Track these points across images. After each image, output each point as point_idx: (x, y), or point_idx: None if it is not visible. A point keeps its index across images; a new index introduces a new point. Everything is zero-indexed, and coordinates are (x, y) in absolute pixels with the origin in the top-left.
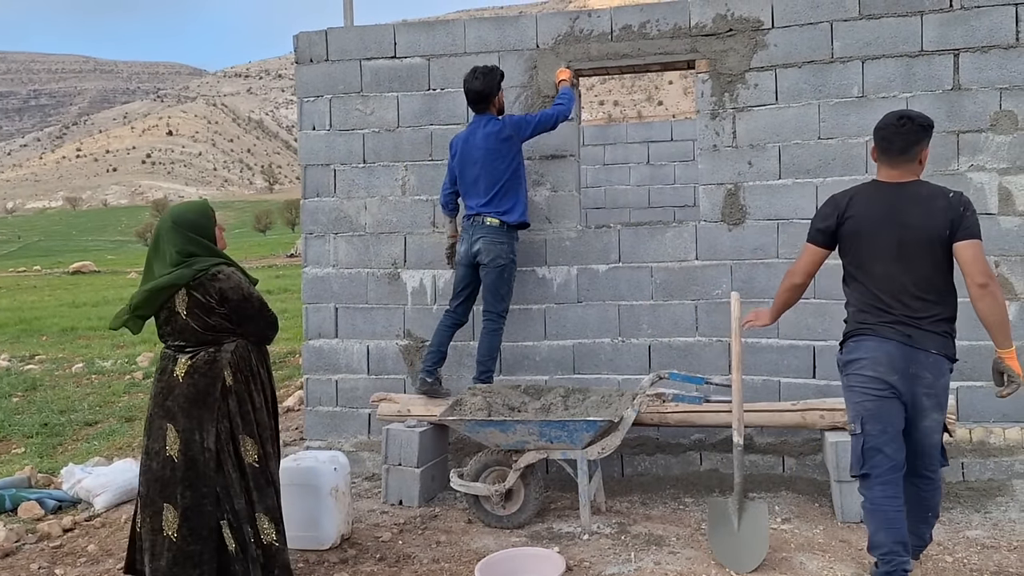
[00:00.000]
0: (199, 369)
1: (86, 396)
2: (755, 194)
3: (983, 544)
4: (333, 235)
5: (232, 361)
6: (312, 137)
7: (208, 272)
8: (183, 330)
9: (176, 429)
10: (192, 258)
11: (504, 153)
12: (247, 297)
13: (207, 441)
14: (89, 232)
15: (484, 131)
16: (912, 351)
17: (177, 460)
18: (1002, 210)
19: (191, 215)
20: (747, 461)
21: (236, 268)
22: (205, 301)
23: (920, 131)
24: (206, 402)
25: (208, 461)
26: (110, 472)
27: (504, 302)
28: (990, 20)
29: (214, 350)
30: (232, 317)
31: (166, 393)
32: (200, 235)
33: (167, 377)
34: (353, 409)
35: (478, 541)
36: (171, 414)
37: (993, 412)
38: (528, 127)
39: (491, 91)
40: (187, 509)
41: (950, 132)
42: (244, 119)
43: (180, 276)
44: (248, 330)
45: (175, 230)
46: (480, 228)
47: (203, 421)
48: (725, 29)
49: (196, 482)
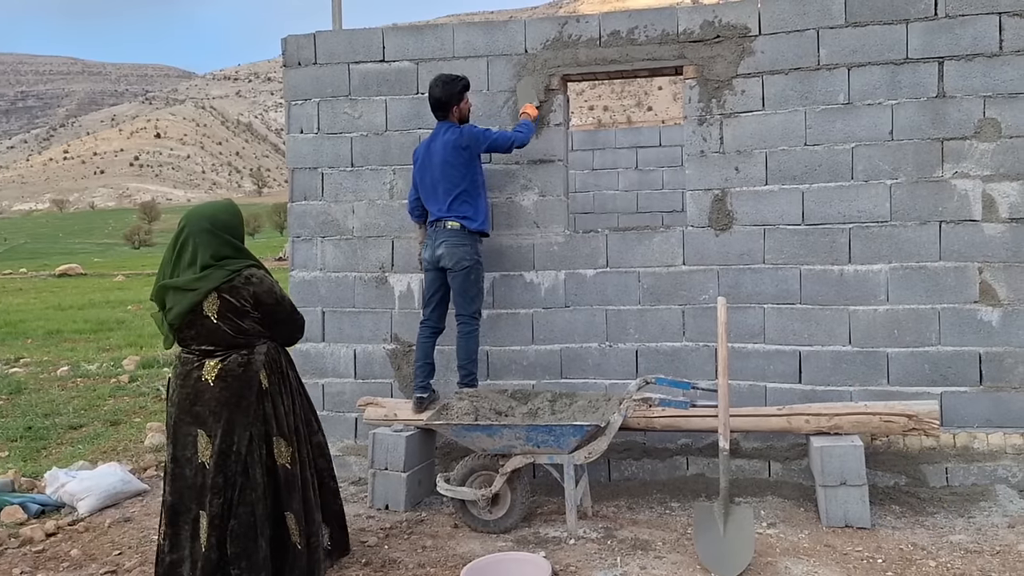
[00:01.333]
0: (232, 372)
1: (71, 400)
2: (742, 200)
3: (967, 549)
4: (320, 239)
5: (266, 363)
6: (300, 140)
7: (241, 275)
8: (212, 334)
9: (208, 435)
10: (224, 260)
11: (461, 162)
12: (280, 300)
13: (239, 446)
14: (76, 235)
15: (443, 139)
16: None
17: (208, 466)
18: (985, 217)
19: (225, 216)
20: (733, 466)
21: (264, 270)
22: (239, 305)
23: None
24: (240, 406)
25: (236, 464)
26: (94, 476)
27: (475, 304)
28: (974, 29)
29: (247, 353)
30: (264, 321)
31: (194, 399)
32: (234, 236)
33: (193, 382)
34: (340, 413)
35: (464, 546)
36: (201, 419)
37: (977, 417)
38: (484, 142)
39: (450, 99)
40: (215, 516)
41: (935, 139)
42: (233, 122)
43: (208, 282)
44: (279, 333)
45: (212, 233)
46: (442, 233)
47: (235, 425)
48: (712, 36)
49: (225, 488)
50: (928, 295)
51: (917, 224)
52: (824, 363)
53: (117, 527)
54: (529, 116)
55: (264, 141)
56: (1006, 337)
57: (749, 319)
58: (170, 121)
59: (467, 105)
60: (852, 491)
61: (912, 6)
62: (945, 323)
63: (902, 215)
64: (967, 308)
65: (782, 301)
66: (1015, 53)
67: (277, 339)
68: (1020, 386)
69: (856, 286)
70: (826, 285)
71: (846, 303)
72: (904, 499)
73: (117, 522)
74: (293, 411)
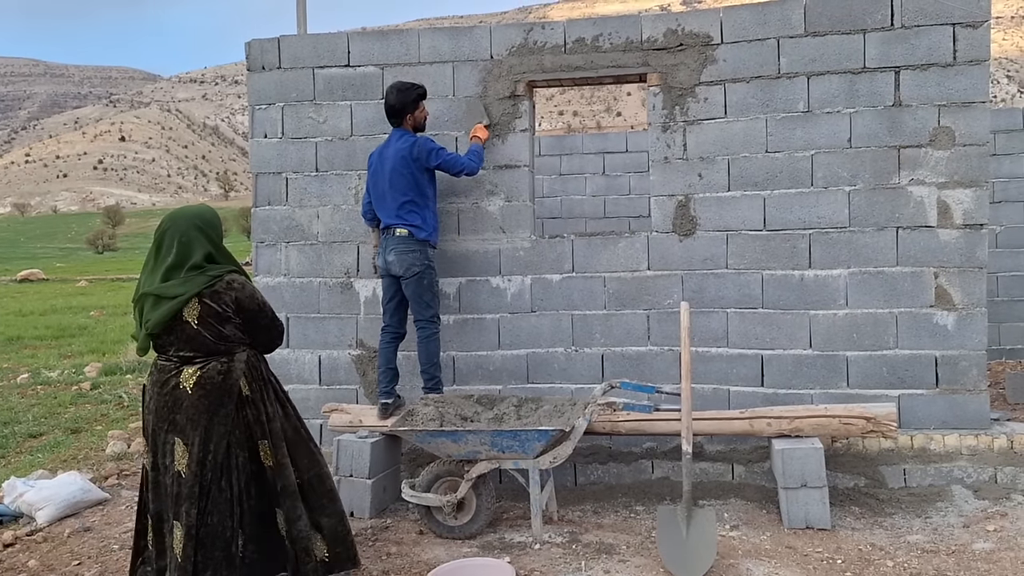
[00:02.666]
0: (211, 380)
1: (31, 407)
2: (705, 205)
3: (923, 549)
4: (285, 244)
5: (246, 371)
6: (264, 145)
7: (223, 280)
8: (192, 339)
9: (185, 443)
10: (209, 265)
11: (409, 172)
12: (261, 307)
13: (215, 454)
14: (38, 239)
15: (395, 146)
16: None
17: (184, 475)
18: (940, 223)
19: (210, 216)
20: (697, 469)
21: (247, 276)
22: (221, 311)
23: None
24: (218, 414)
25: (213, 473)
26: (53, 486)
27: (431, 308)
28: (929, 39)
29: (226, 360)
30: (245, 327)
31: (172, 406)
32: (219, 238)
33: (171, 389)
34: (304, 419)
35: (429, 552)
36: (179, 427)
37: (933, 419)
38: (435, 159)
39: (404, 107)
40: (191, 527)
41: (892, 147)
42: (199, 125)
43: (190, 286)
44: (259, 340)
45: (201, 232)
46: (392, 240)
47: (213, 434)
48: (676, 44)
49: (201, 496)
50: (886, 300)
51: (875, 230)
52: (786, 366)
53: (77, 537)
54: (479, 139)
55: (231, 145)
56: (961, 340)
57: (712, 323)
58: (135, 124)
59: (423, 113)
60: (813, 493)
61: (869, 16)
62: (902, 327)
63: (860, 221)
64: (923, 312)
65: (744, 306)
66: (968, 63)
67: (257, 346)
68: (974, 388)
69: (816, 291)
70: (787, 290)
71: (807, 307)
72: (863, 500)
73: (77, 532)
74: (281, 416)
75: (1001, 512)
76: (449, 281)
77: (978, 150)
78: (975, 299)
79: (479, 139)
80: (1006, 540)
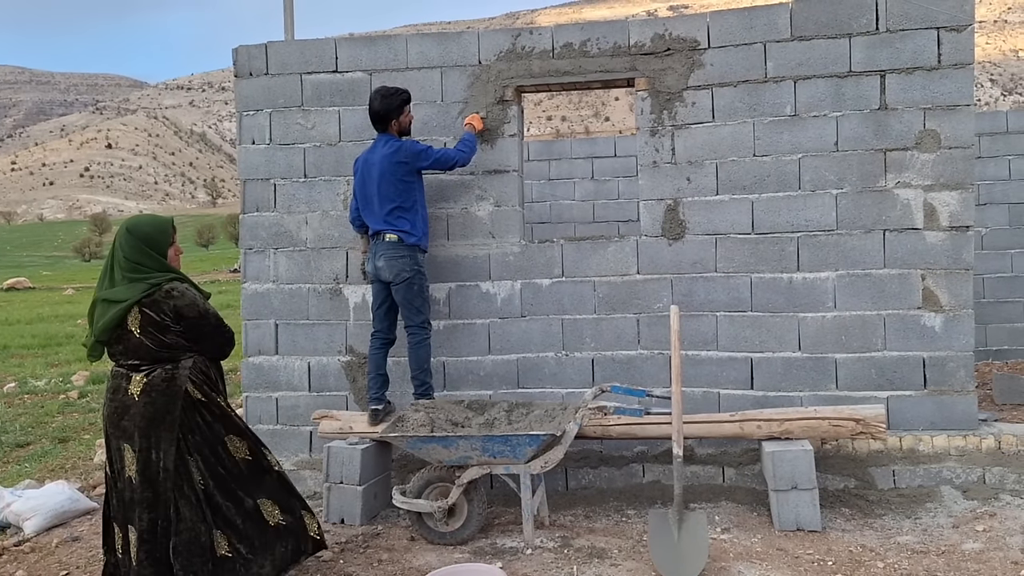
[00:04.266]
0: (156, 387)
1: (18, 416)
2: (694, 209)
3: (913, 549)
4: (273, 250)
5: (193, 376)
6: (252, 151)
7: (161, 288)
8: (136, 349)
9: (133, 449)
10: (142, 270)
11: (398, 176)
12: (203, 314)
13: (165, 461)
14: (24, 247)
15: (382, 151)
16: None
17: (135, 481)
18: (927, 225)
19: (147, 227)
20: (688, 472)
21: (189, 283)
22: (159, 319)
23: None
24: (164, 421)
25: (166, 481)
26: (41, 495)
27: (422, 314)
28: (914, 43)
29: (171, 367)
30: (188, 334)
31: (121, 413)
32: (152, 248)
33: (121, 396)
34: (294, 427)
35: (421, 558)
36: (128, 434)
37: (922, 420)
38: (425, 160)
39: (389, 112)
40: (144, 532)
41: (878, 150)
42: (186, 132)
43: (132, 291)
44: (205, 347)
45: (128, 236)
46: (381, 245)
47: (160, 440)
48: (663, 48)
49: (154, 503)
50: (874, 302)
51: (862, 233)
52: (775, 369)
53: (65, 547)
54: (473, 128)
55: (218, 151)
56: (948, 342)
57: (702, 327)
58: (121, 131)
59: (407, 118)
60: (803, 495)
61: (855, 21)
62: (890, 329)
63: (848, 224)
64: (911, 314)
65: (734, 309)
66: (953, 67)
67: (206, 353)
68: (962, 389)
69: (805, 293)
70: (776, 293)
71: (795, 310)
72: (853, 502)
73: (65, 541)
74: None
75: (990, 512)
76: (439, 286)
77: (963, 153)
78: (962, 300)
79: (473, 127)
80: (995, 540)
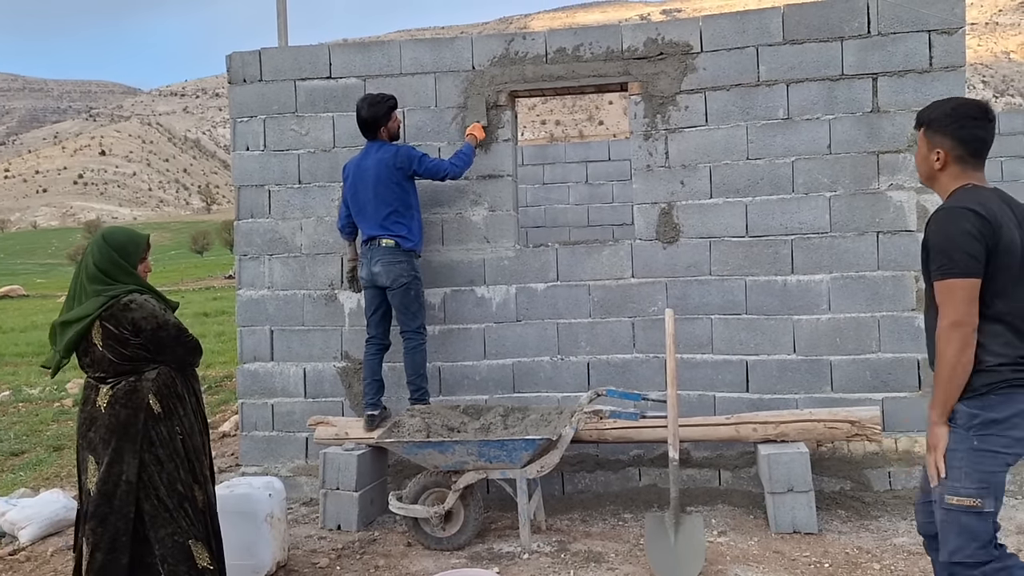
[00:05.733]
0: (120, 399)
1: (12, 425)
2: (688, 213)
3: (909, 551)
4: (268, 256)
5: (156, 389)
6: (246, 158)
7: (120, 302)
8: (100, 361)
9: (96, 461)
10: (106, 281)
11: (394, 181)
12: (162, 325)
13: (127, 474)
14: (18, 255)
15: (375, 157)
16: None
17: (93, 493)
18: (920, 227)
19: (122, 236)
20: (684, 475)
21: (152, 294)
22: (119, 332)
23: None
24: (128, 433)
25: (127, 494)
26: (36, 504)
27: (418, 319)
28: (905, 46)
29: (135, 379)
30: (149, 346)
31: (88, 424)
32: (123, 258)
33: (89, 407)
34: (290, 433)
35: (417, 564)
36: (92, 446)
37: (917, 422)
38: (419, 167)
39: (377, 119)
40: (96, 545)
41: (871, 152)
42: (180, 138)
43: (90, 307)
44: (168, 358)
45: (102, 243)
46: (377, 251)
47: (124, 452)
48: (656, 53)
49: (109, 517)
50: (868, 304)
51: (856, 235)
52: (770, 371)
53: (60, 555)
54: (475, 138)
55: (213, 157)
56: None
57: (697, 330)
58: (115, 138)
59: (395, 123)
60: (799, 497)
61: (846, 24)
62: (884, 330)
63: (841, 226)
64: (905, 316)
65: (728, 312)
66: (944, 69)
67: (170, 364)
68: None
69: (799, 296)
70: (770, 295)
71: (790, 313)
72: (849, 503)
73: (60, 550)
74: (200, 431)
75: None
76: (434, 291)
77: None
78: None
79: (474, 138)
80: None
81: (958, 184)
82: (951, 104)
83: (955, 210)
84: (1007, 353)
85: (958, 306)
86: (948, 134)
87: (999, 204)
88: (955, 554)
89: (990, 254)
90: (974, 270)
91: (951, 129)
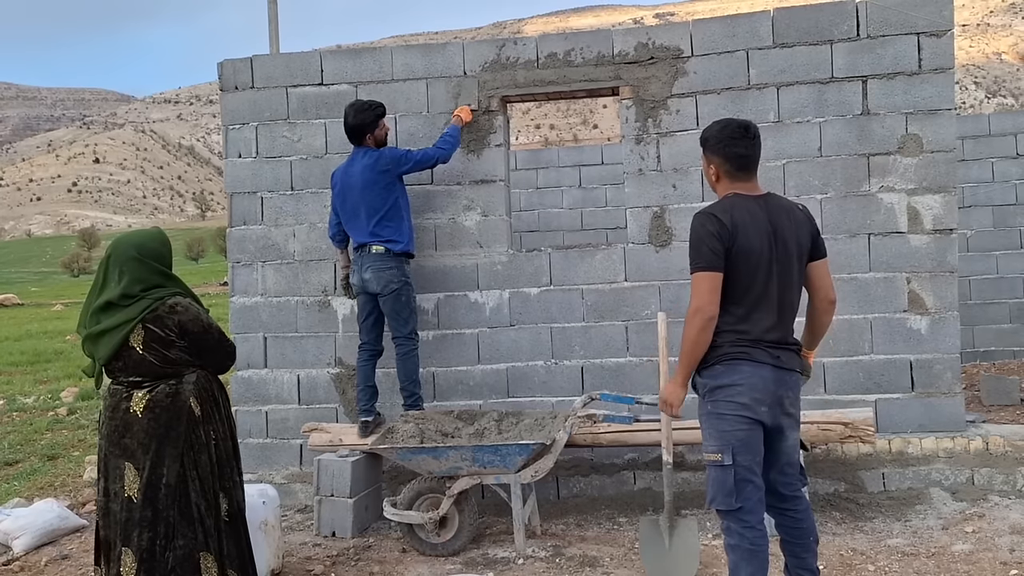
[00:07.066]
0: (160, 403)
1: (6, 434)
2: (680, 216)
3: (903, 552)
4: (261, 263)
5: (196, 392)
6: (238, 165)
7: (165, 304)
8: (138, 365)
9: (135, 467)
10: (152, 289)
11: (381, 185)
12: (207, 328)
13: (168, 477)
14: (12, 264)
15: (362, 163)
16: (781, 373)
17: (136, 500)
18: (911, 228)
19: (154, 244)
20: (679, 479)
21: (191, 297)
22: (164, 335)
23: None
24: (169, 436)
25: (167, 497)
26: (30, 514)
27: (409, 324)
28: (895, 49)
29: (175, 382)
30: (191, 349)
31: (122, 431)
32: (162, 263)
33: (122, 414)
34: (284, 440)
35: (413, 570)
36: (129, 452)
37: (911, 423)
38: (407, 163)
39: (363, 126)
40: (144, 552)
41: (861, 155)
42: (174, 145)
43: (134, 311)
44: (207, 361)
45: (140, 261)
46: (367, 257)
47: (165, 456)
48: (647, 57)
49: (155, 522)
50: (860, 305)
51: (847, 237)
52: None
53: (54, 565)
54: (460, 120)
55: (207, 164)
56: (934, 344)
57: None
58: (109, 146)
59: (383, 131)
60: None
61: (836, 27)
62: (877, 332)
63: (833, 228)
64: (897, 317)
65: None
66: (933, 71)
67: (207, 367)
68: (949, 391)
69: None
70: None
71: None
72: (844, 505)
73: (54, 560)
74: (224, 439)
75: (979, 513)
76: (427, 297)
77: (946, 156)
78: (947, 303)
79: (460, 119)
80: (984, 541)
81: (726, 192)
82: (719, 126)
83: (704, 214)
84: (730, 332)
85: (702, 295)
86: (717, 152)
87: (751, 212)
88: (711, 502)
89: (728, 252)
90: (716, 264)
91: (718, 148)
